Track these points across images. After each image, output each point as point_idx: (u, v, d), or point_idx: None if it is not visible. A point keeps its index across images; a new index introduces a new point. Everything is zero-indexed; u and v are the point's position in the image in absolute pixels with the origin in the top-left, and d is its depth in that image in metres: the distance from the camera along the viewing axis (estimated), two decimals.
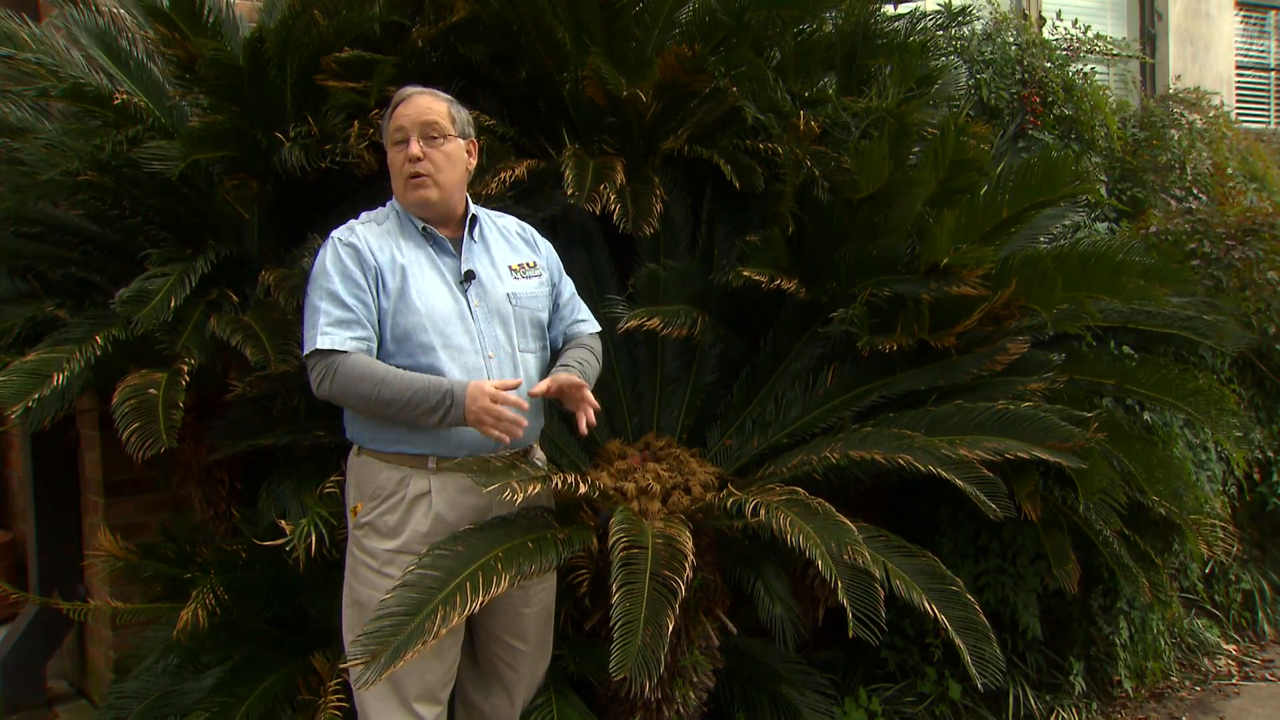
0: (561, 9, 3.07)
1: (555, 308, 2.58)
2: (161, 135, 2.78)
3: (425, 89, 2.44)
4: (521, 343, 2.44)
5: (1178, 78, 6.51)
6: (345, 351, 2.23)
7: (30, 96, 2.93)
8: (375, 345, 2.29)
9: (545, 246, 2.61)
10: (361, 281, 2.28)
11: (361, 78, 2.84)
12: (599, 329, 2.66)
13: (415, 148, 2.34)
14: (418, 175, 2.35)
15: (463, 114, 2.46)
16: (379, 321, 2.30)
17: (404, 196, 2.39)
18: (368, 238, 2.33)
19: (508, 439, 2.25)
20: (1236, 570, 4.45)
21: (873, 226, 3.18)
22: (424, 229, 2.39)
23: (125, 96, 2.84)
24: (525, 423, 2.29)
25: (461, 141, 2.42)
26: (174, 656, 2.88)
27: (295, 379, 2.73)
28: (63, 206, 3.10)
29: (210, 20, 2.75)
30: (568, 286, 2.63)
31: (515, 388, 2.30)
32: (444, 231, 2.41)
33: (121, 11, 3.23)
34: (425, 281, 2.34)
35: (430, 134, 2.36)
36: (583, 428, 2.39)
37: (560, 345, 2.58)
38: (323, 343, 2.23)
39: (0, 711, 3.53)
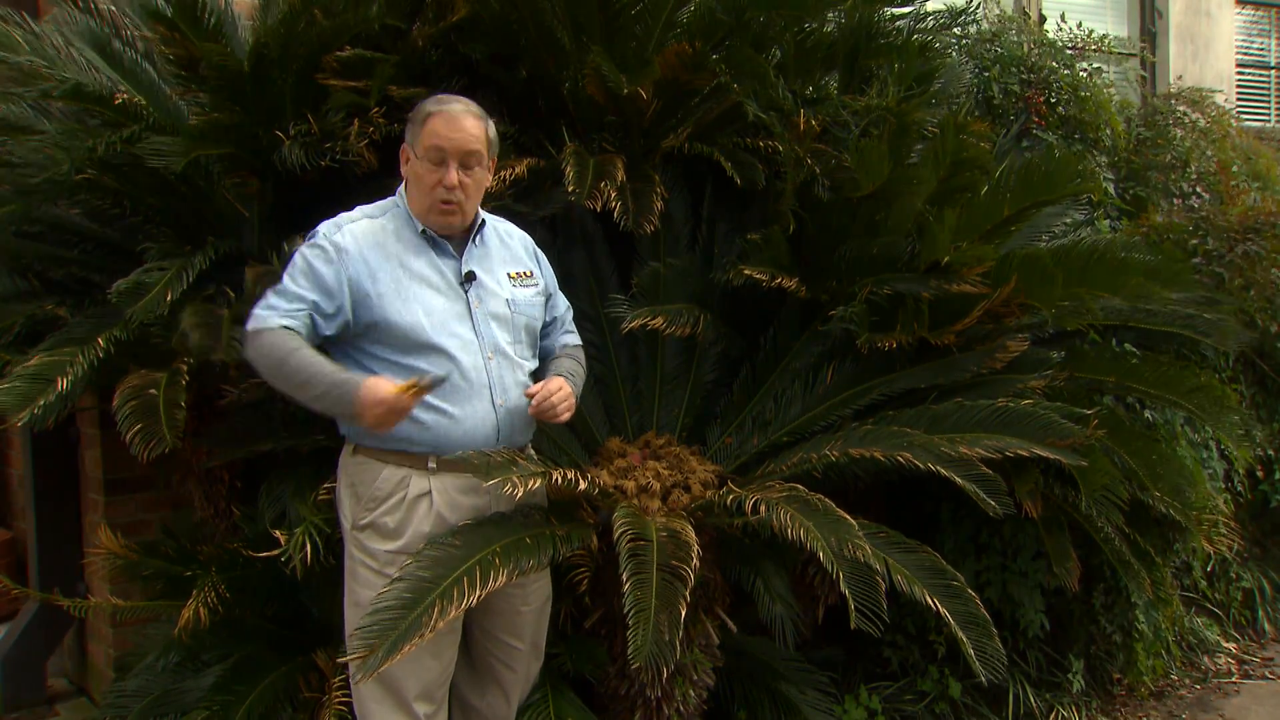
0: (561, 8, 3.07)
1: (550, 321, 2.62)
2: (161, 134, 2.77)
3: (467, 105, 2.35)
4: (517, 348, 2.45)
5: (1179, 77, 6.50)
6: (271, 328, 2.24)
7: (32, 97, 2.92)
8: (306, 334, 2.28)
9: (545, 262, 2.63)
10: (327, 283, 2.27)
11: (362, 77, 2.84)
12: (580, 343, 2.70)
13: (453, 176, 2.30)
14: (449, 203, 2.33)
15: (494, 134, 2.42)
16: (375, 322, 2.29)
17: (426, 215, 2.36)
18: (358, 236, 2.31)
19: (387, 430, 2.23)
20: (1237, 568, 4.45)
21: (873, 225, 3.18)
22: (423, 231, 2.38)
23: (126, 96, 2.83)
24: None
25: (489, 163, 2.41)
26: (174, 654, 2.89)
27: None
28: (63, 205, 3.10)
29: (211, 22, 2.73)
30: (563, 302, 2.67)
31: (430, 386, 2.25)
32: (446, 234, 2.40)
33: (118, 10, 3.22)
34: (424, 282, 2.34)
35: (469, 163, 2.33)
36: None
37: (549, 356, 2.62)
38: (251, 324, 2.26)
39: (0, 709, 3.53)
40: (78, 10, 3.14)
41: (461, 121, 2.31)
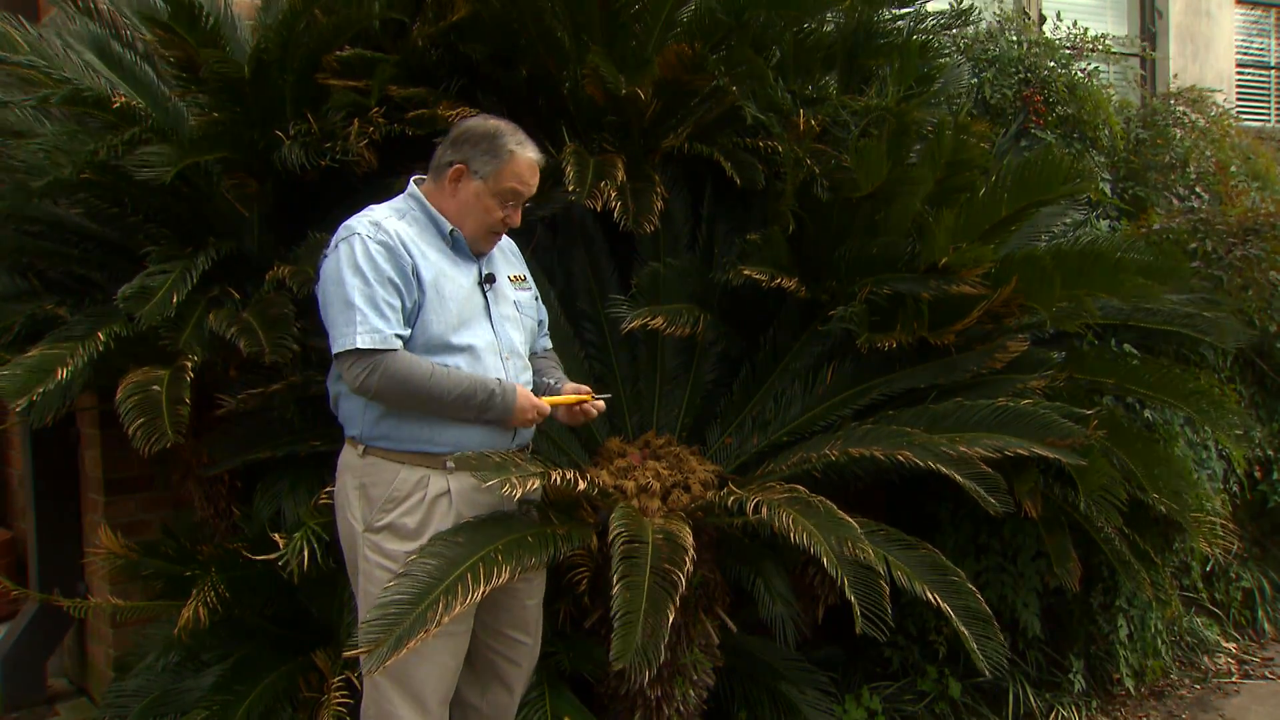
0: (561, 8, 3.07)
1: (537, 324, 2.66)
2: (160, 136, 2.77)
3: (536, 148, 2.43)
4: (525, 350, 2.52)
5: (1178, 77, 6.51)
6: (393, 349, 2.24)
7: (30, 104, 2.91)
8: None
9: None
10: (397, 280, 2.26)
11: (362, 76, 2.84)
12: (552, 348, 2.77)
13: (518, 217, 2.42)
14: (499, 233, 2.44)
15: None
16: (412, 318, 2.30)
17: (474, 234, 2.41)
18: (399, 232, 2.31)
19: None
20: (1236, 568, 4.45)
21: (872, 225, 3.18)
22: (452, 231, 2.39)
23: (124, 100, 2.83)
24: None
25: None
26: (174, 654, 2.89)
27: (289, 394, 2.74)
28: (62, 205, 3.10)
29: (210, 24, 2.71)
30: (543, 307, 2.72)
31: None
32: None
33: (117, 10, 3.22)
34: (455, 282, 2.36)
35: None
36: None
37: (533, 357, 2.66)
38: (363, 343, 2.21)
39: (1, 709, 3.53)
40: (77, 11, 3.13)
41: (537, 170, 2.42)
